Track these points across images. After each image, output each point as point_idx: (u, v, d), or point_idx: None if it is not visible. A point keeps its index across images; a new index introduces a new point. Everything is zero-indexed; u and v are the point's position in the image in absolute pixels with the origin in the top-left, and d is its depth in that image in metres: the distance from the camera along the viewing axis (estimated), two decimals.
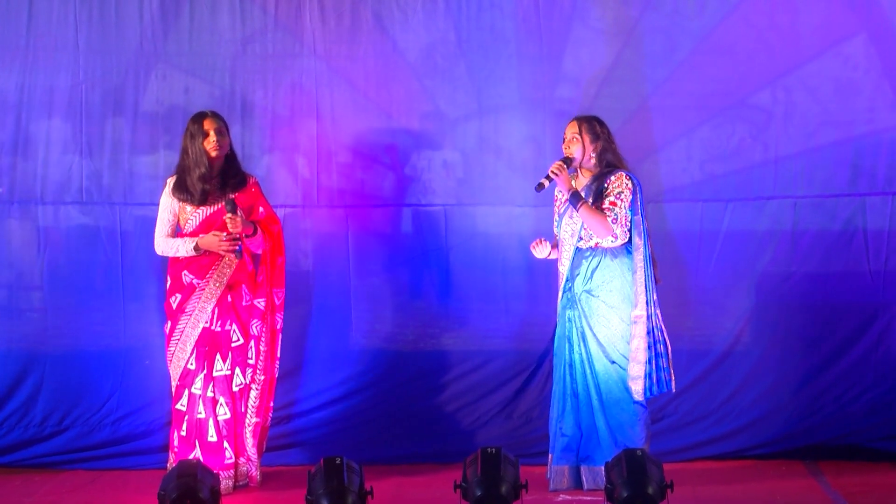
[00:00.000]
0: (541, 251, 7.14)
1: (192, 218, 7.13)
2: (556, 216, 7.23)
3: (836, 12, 7.64)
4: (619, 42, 7.70)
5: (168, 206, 7.17)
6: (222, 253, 7.07)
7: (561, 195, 7.12)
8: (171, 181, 7.18)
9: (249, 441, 7.21)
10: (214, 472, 6.46)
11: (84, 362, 7.80)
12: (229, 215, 7.02)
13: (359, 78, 7.81)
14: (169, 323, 7.17)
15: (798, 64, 7.67)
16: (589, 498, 6.96)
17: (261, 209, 7.23)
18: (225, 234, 7.02)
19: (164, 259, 7.23)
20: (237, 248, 7.06)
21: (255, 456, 7.24)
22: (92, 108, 7.80)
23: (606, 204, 6.97)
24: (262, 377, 7.25)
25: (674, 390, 7.13)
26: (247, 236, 7.11)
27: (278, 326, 7.34)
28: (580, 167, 7.09)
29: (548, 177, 6.98)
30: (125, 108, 7.81)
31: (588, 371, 7.06)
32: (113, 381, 7.79)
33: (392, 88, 7.79)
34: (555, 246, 7.21)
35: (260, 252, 7.24)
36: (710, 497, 7.01)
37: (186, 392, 7.13)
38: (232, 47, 7.81)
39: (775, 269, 7.77)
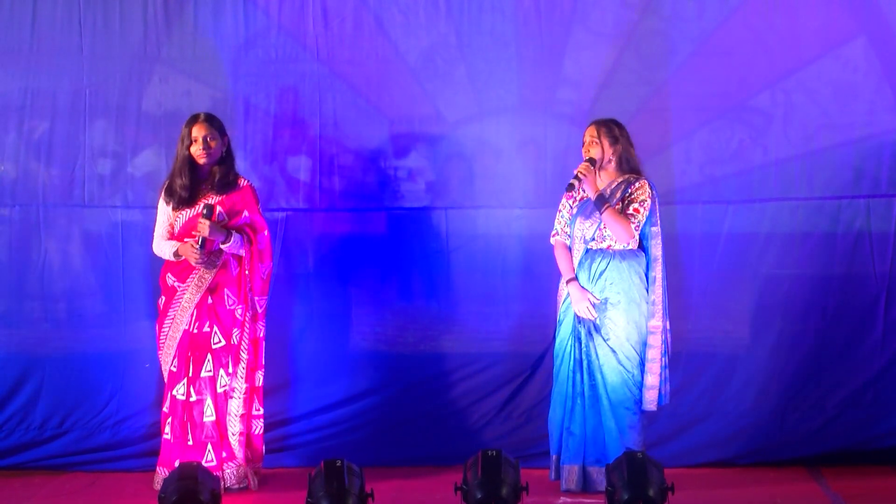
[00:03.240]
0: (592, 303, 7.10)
1: (177, 221, 7.16)
2: (562, 214, 7.22)
3: (835, 15, 7.63)
4: (619, 45, 7.70)
5: (163, 208, 7.22)
6: (192, 262, 7.08)
7: (576, 195, 7.13)
8: (166, 183, 7.23)
9: (237, 449, 7.20)
10: (215, 474, 6.47)
11: (84, 365, 7.81)
12: (201, 219, 7.04)
13: (360, 81, 7.82)
14: (157, 326, 7.22)
15: (797, 66, 7.66)
16: (590, 501, 6.96)
17: (245, 214, 7.19)
18: (193, 240, 7.04)
19: (161, 261, 7.27)
20: (206, 258, 7.07)
21: (244, 462, 7.22)
22: (94, 112, 7.81)
23: (630, 210, 7.00)
24: (244, 385, 7.21)
25: (667, 401, 7.17)
26: (221, 243, 7.11)
27: (261, 335, 7.30)
28: (599, 169, 7.11)
29: (576, 177, 7.00)
30: (128, 111, 7.82)
31: (597, 372, 7.07)
32: (113, 384, 7.80)
33: (393, 92, 7.80)
34: (571, 263, 7.16)
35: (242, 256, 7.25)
36: (711, 500, 7.01)
37: (170, 395, 7.15)
38: (234, 51, 7.82)
39: (777, 271, 7.76)
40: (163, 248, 7.18)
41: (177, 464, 6.84)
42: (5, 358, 7.81)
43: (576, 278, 7.11)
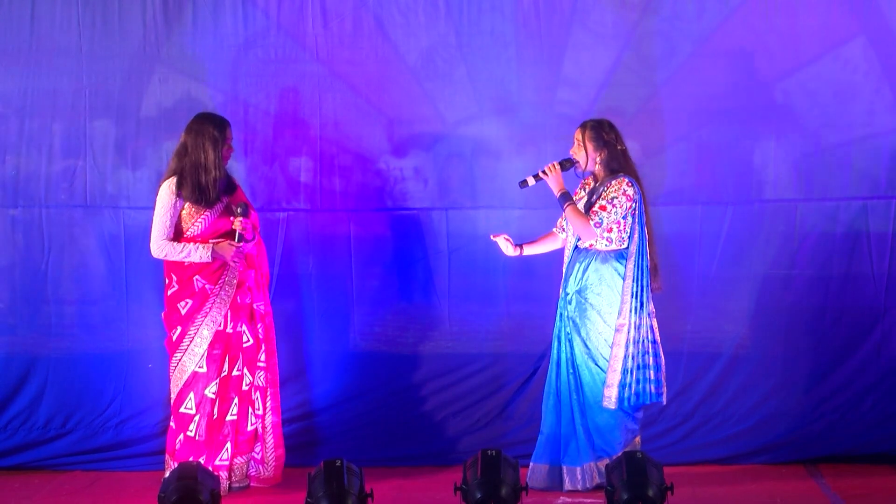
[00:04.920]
0: (505, 248, 7.22)
1: (199, 221, 7.11)
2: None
3: (834, 15, 7.64)
4: (619, 45, 7.71)
5: (171, 206, 7.07)
6: (231, 262, 7.09)
7: (576, 193, 7.16)
8: (172, 182, 7.08)
9: (271, 441, 7.25)
10: (215, 474, 6.48)
11: (87, 365, 7.82)
12: (240, 219, 7.04)
13: (360, 82, 7.83)
14: (179, 328, 7.10)
15: (797, 67, 7.67)
16: (590, 501, 6.96)
17: (252, 212, 7.26)
18: (235, 241, 7.04)
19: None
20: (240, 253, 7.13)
21: (274, 457, 7.26)
22: (94, 112, 7.82)
23: (596, 207, 6.99)
24: (265, 376, 7.27)
25: (664, 402, 7.14)
26: (248, 241, 7.14)
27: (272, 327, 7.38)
28: (593, 172, 7.11)
29: (536, 175, 7.04)
30: (128, 111, 7.83)
31: (570, 371, 7.09)
32: (116, 385, 7.81)
33: (393, 92, 7.81)
34: (537, 241, 7.27)
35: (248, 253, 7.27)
36: (710, 499, 7.01)
37: (192, 395, 7.12)
38: (234, 51, 7.82)
39: (776, 272, 7.76)
40: (184, 249, 7.06)
41: (191, 459, 6.87)
42: (9, 358, 7.83)
43: (520, 246, 7.26)
